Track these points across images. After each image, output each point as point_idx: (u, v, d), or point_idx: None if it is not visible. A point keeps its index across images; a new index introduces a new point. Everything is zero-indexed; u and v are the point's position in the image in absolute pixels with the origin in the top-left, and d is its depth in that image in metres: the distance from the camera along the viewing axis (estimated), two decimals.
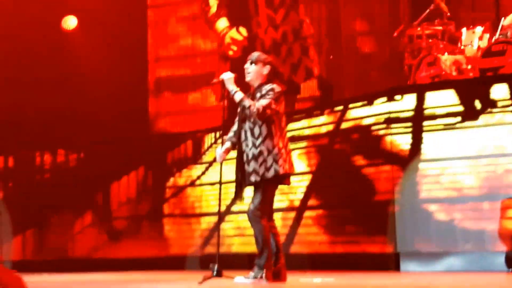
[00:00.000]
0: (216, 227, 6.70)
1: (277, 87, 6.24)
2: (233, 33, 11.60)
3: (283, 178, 6.24)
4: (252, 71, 6.35)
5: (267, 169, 6.14)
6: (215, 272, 6.30)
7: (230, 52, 11.56)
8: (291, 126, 9.92)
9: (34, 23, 11.57)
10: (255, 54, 6.43)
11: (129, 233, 11.31)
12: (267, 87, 6.26)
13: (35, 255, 11.55)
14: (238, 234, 9.98)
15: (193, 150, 11.15)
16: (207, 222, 10.47)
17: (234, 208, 9.95)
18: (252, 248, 6.32)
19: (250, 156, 6.19)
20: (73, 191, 11.55)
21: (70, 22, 11.79)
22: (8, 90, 11.56)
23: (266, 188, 6.18)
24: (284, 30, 11.35)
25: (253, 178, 6.15)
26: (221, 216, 9.74)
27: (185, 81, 11.81)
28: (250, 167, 6.17)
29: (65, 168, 11.79)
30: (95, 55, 11.43)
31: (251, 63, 6.36)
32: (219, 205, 6.83)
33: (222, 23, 11.80)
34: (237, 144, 6.32)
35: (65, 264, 10.96)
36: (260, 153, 6.17)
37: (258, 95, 6.26)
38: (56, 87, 11.59)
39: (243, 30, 11.56)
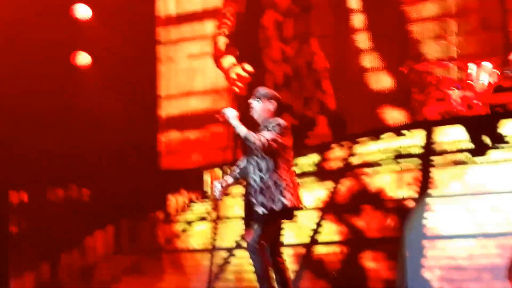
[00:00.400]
0: (211, 263, 6.68)
1: (282, 122, 6.25)
2: (238, 69, 11.62)
3: (289, 212, 6.21)
4: (258, 109, 6.36)
5: (274, 203, 6.12)
6: None
7: (236, 89, 11.56)
8: (301, 160, 9.91)
9: (46, 58, 11.65)
10: (260, 91, 6.43)
11: (140, 269, 11.30)
12: (273, 121, 6.28)
13: None
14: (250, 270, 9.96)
15: (204, 185, 11.15)
16: (217, 257, 10.45)
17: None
18: None
19: (257, 190, 6.19)
20: (85, 226, 11.58)
21: (82, 59, 11.89)
22: (21, 125, 11.60)
23: (269, 221, 6.15)
24: (297, 64, 11.39)
25: (260, 210, 6.13)
26: (231, 251, 9.72)
27: (195, 118, 11.81)
28: (258, 200, 6.17)
29: (78, 203, 11.82)
30: (105, 91, 11.49)
31: (256, 99, 6.37)
32: (214, 241, 6.77)
33: (229, 60, 11.80)
34: (245, 180, 6.31)
35: None
36: (268, 187, 6.16)
37: (264, 130, 6.26)
38: (66, 123, 11.65)
39: (248, 67, 11.57)
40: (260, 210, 6.13)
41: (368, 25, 10.75)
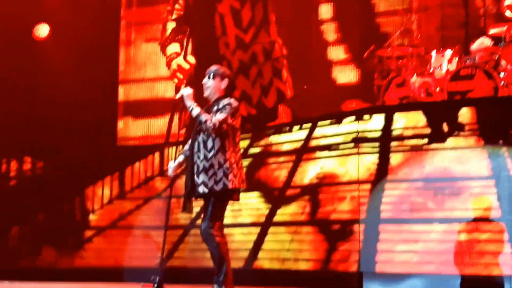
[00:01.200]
0: (164, 240, 6.69)
1: (234, 102, 6.25)
2: (180, 60, 11.49)
3: (232, 193, 6.22)
4: (210, 86, 6.35)
5: (216, 183, 6.13)
6: (155, 285, 6.27)
7: (175, 80, 11.45)
8: (263, 141, 9.92)
9: (5, 30, 11.50)
10: (212, 68, 6.42)
11: (90, 243, 11.22)
12: (225, 101, 6.26)
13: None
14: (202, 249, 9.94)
15: (159, 162, 11.10)
16: (171, 235, 10.42)
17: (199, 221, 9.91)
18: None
19: (200, 168, 6.19)
20: (38, 199, 11.47)
21: (42, 30, 11.75)
22: None
23: (215, 202, 6.15)
24: (254, 51, 11.25)
25: (201, 189, 6.14)
26: (180, 228, 9.69)
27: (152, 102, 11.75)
28: (200, 179, 6.16)
29: (31, 175, 11.69)
30: (65, 64, 11.37)
31: (209, 77, 6.36)
32: (167, 219, 6.78)
33: (172, 48, 11.65)
34: (189, 156, 6.31)
35: (28, 273, 10.85)
36: (211, 166, 6.16)
37: (215, 108, 6.25)
38: (25, 94, 11.53)
39: (191, 59, 11.44)
40: (201, 189, 6.13)
41: (333, 14, 10.80)
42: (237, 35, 11.29)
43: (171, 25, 11.74)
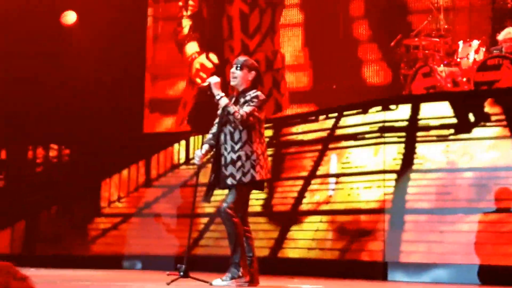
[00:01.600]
0: (190, 229, 6.75)
1: (261, 95, 6.33)
2: (202, 59, 11.47)
3: (259, 184, 6.30)
4: (237, 76, 6.41)
5: (244, 174, 6.20)
6: (181, 273, 6.33)
7: (198, 80, 11.43)
8: (287, 130, 9.95)
9: (33, 17, 11.59)
10: (240, 59, 6.49)
11: (116, 231, 11.32)
12: (252, 93, 6.33)
13: (23, 249, 11.55)
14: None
15: (185, 151, 11.16)
16: (197, 223, 10.50)
17: None
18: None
19: (228, 160, 6.25)
20: (64, 186, 11.58)
21: (69, 17, 11.82)
22: (3, 83, 11.56)
23: (240, 191, 6.22)
24: (256, 59, 10.98)
25: (229, 181, 6.21)
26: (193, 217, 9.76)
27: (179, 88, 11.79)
28: (228, 171, 6.23)
29: (58, 162, 11.80)
30: (92, 51, 11.45)
31: (237, 67, 6.42)
32: (193, 207, 6.84)
33: (192, 47, 11.63)
34: (215, 147, 6.37)
35: (54, 260, 10.96)
36: (239, 158, 6.23)
37: (242, 100, 6.32)
38: (52, 81, 11.62)
39: (213, 57, 11.43)
40: (229, 180, 6.20)
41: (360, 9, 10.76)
42: (242, 40, 11.25)
43: (187, 22, 11.72)
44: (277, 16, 11.17)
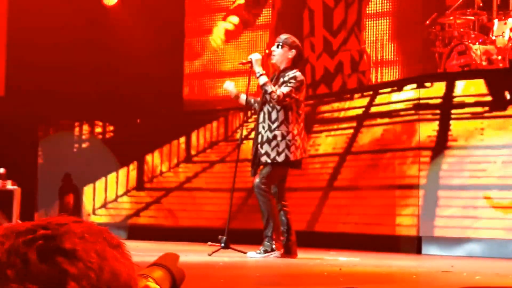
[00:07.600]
0: (231, 202, 6.93)
1: (299, 76, 6.40)
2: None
3: (294, 164, 6.44)
4: (277, 54, 6.49)
5: (278, 154, 6.34)
6: (223, 244, 6.52)
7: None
8: (322, 108, 10.10)
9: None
10: (282, 37, 6.56)
11: (159, 204, 11.60)
12: (290, 74, 6.40)
13: None
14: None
15: (224, 127, 11.35)
16: (237, 197, 10.71)
17: None
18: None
19: (264, 138, 6.39)
20: (109, 161, 11.89)
21: None
22: (52, 62, 11.80)
23: (274, 168, 6.39)
24: (341, 59, 10.11)
25: (263, 159, 6.38)
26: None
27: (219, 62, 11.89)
28: (263, 149, 6.39)
29: (102, 139, 12.10)
30: (133, 32, 11.65)
31: (278, 45, 6.50)
32: (233, 182, 6.96)
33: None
34: (255, 125, 6.53)
35: None
36: (274, 137, 6.36)
37: (281, 80, 6.41)
38: (95, 61, 11.86)
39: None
40: (264, 159, 6.36)
41: None
42: (325, 37, 10.12)
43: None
44: (363, 10, 10.08)
